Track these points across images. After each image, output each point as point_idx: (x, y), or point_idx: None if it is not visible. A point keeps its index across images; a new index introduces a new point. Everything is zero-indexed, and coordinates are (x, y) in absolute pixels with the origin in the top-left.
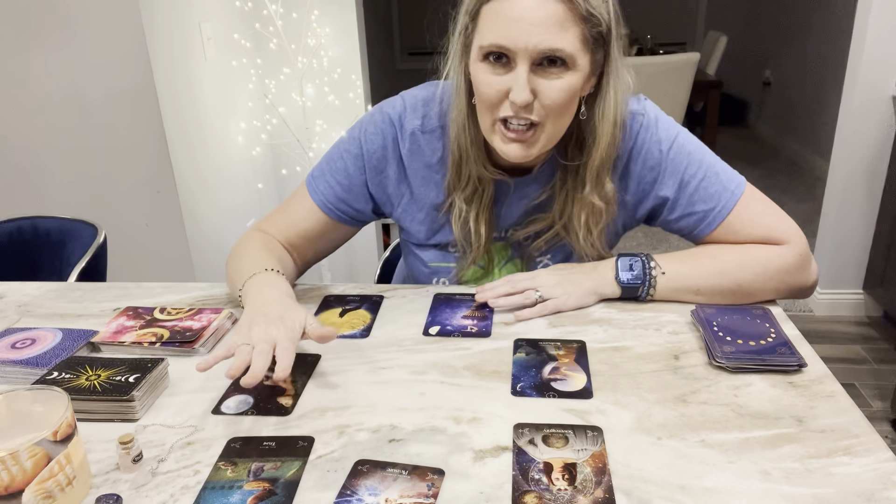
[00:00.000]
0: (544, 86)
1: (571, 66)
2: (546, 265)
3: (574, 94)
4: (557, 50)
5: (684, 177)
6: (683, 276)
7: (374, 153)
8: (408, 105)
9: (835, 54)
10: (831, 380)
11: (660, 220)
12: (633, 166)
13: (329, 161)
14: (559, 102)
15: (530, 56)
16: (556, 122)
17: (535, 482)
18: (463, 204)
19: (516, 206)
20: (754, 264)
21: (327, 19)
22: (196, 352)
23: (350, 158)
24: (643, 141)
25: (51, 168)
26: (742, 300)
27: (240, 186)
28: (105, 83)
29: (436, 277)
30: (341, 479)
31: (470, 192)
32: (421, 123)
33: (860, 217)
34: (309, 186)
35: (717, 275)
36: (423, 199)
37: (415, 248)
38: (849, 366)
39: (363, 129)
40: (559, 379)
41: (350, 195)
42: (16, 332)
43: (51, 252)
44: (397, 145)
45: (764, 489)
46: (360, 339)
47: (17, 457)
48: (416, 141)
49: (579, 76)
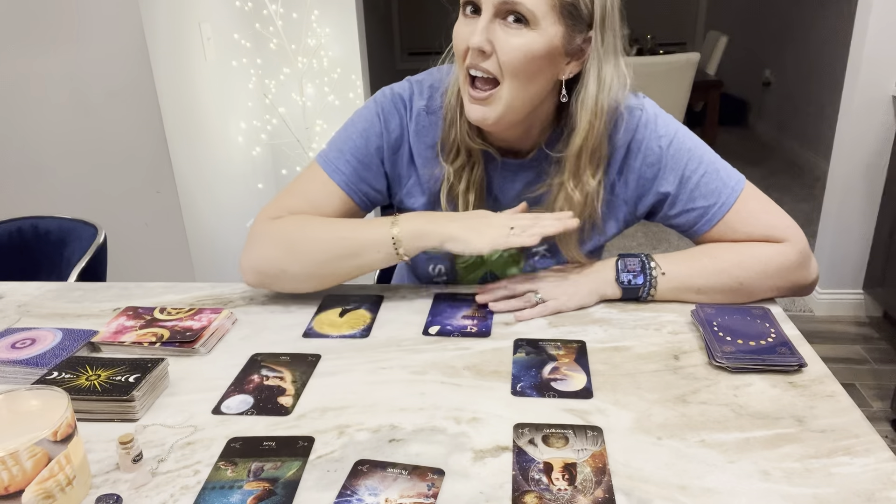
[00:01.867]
0: (503, 39)
1: (533, 25)
2: (544, 256)
3: (533, 57)
4: (517, 3)
5: (685, 173)
6: (684, 275)
7: (394, 131)
8: (414, 86)
9: (835, 54)
10: (831, 380)
11: (660, 216)
12: (632, 162)
13: (346, 141)
14: (514, 59)
15: (493, 5)
16: (514, 85)
17: (535, 482)
18: (452, 173)
19: (509, 188)
20: (755, 262)
21: (327, 19)
22: (196, 352)
23: (372, 136)
24: (643, 137)
25: (51, 168)
26: (743, 299)
27: (240, 186)
28: (105, 83)
29: (433, 264)
30: (341, 479)
31: (460, 163)
32: (426, 104)
33: (860, 217)
34: (327, 168)
35: (718, 274)
36: (426, 180)
37: None
38: (849, 366)
39: (380, 107)
40: (559, 379)
41: (370, 174)
42: (16, 332)
43: (51, 252)
44: (407, 125)
45: (764, 489)
46: (360, 339)
47: (17, 457)
48: (420, 121)
49: (541, 41)
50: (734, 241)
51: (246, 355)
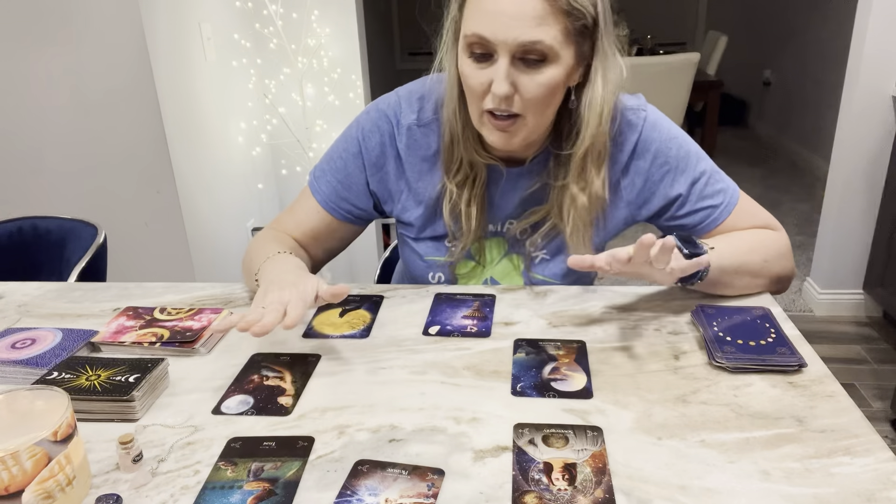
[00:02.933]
0: (525, 79)
1: (552, 59)
2: (543, 260)
3: (555, 87)
4: (537, 42)
5: (694, 174)
6: (726, 252)
7: (373, 150)
8: (402, 100)
9: (835, 54)
10: (831, 380)
11: (666, 217)
12: (640, 163)
13: (329, 160)
14: (538, 96)
15: (510, 49)
16: (537, 114)
17: (535, 482)
18: (455, 188)
19: (510, 195)
20: (770, 242)
21: (327, 19)
22: (196, 352)
23: (349, 157)
24: (650, 138)
25: (51, 168)
26: (763, 282)
27: (240, 186)
28: (105, 83)
29: (432, 272)
30: (341, 479)
31: (462, 177)
32: (416, 117)
33: (860, 217)
34: (311, 186)
35: (749, 252)
36: (421, 192)
37: (412, 242)
38: (849, 366)
39: (360, 128)
40: (559, 379)
41: (351, 193)
42: (16, 332)
43: (51, 252)
44: (394, 141)
45: (764, 489)
46: (360, 340)
47: (17, 457)
48: (412, 135)
49: (561, 70)
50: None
51: (246, 355)
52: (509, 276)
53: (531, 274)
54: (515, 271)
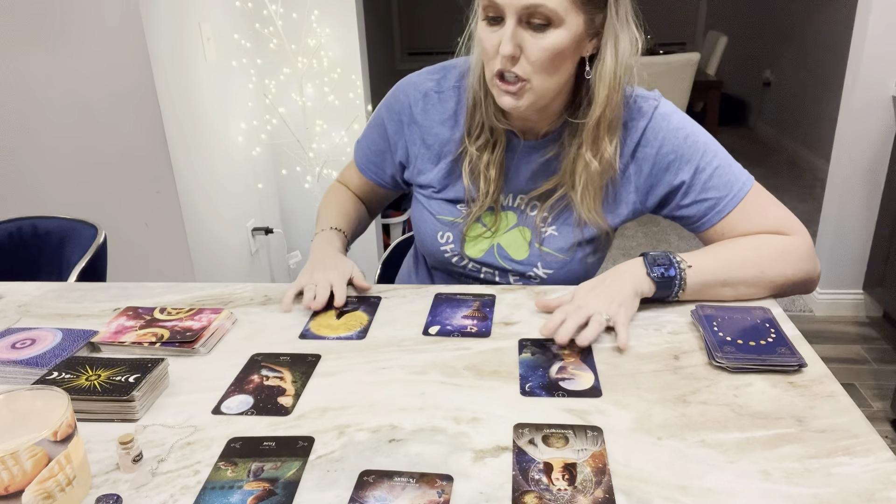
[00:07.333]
0: (530, 42)
1: (557, 23)
2: (551, 235)
3: (560, 52)
4: (539, 6)
5: (700, 164)
6: (709, 268)
7: (394, 119)
8: (425, 72)
9: (835, 54)
10: (831, 380)
11: (671, 206)
12: (647, 149)
13: (367, 128)
14: (543, 59)
15: (515, 11)
16: (543, 79)
17: (535, 482)
18: (475, 151)
19: (525, 168)
20: (773, 250)
21: (327, 19)
22: (196, 352)
23: (376, 126)
24: (659, 127)
25: (51, 168)
26: (764, 290)
27: (240, 186)
28: (105, 83)
29: (441, 232)
30: (341, 479)
31: (483, 142)
32: (436, 84)
33: (860, 217)
34: (354, 150)
35: (742, 264)
36: (438, 154)
37: (425, 201)
38: (849, 366)
39: (387, 101)
40: (567, 378)
41: (380, 159)
42: (16, 332)
43: (51, 252)
44: (413, 108)
45: (764, 489)
46: (358, 341)
47: (17, 457)
48: (429, 101)
49: (567, 35)
50: (746, 234)
51: (246, 355)
52: (516, 246)
53: (539, 247)
54: (524, 242)
